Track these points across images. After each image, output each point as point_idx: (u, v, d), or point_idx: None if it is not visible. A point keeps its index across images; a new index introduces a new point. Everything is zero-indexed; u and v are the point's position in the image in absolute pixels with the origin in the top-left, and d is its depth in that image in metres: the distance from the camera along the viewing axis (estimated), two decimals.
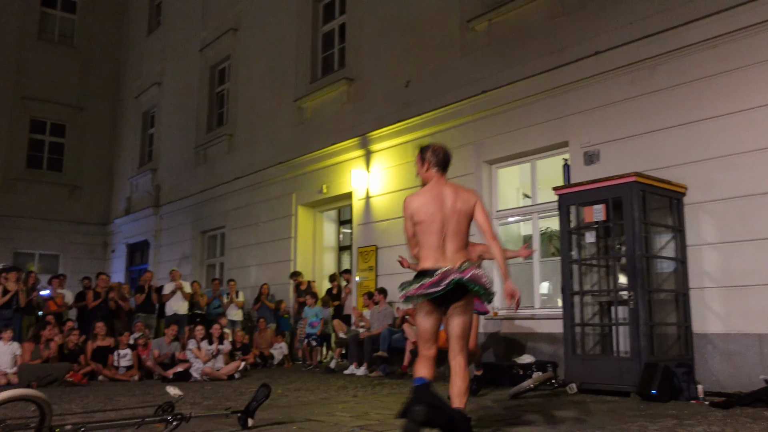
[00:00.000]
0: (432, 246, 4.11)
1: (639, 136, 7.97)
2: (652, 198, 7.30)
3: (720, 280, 7.15)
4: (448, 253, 4.09)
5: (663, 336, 7.39)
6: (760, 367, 6.66)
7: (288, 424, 5.09)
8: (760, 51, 7.04)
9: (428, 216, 4.14)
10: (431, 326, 4.21)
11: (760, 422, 5.03)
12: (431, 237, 4.12)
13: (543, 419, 5.28)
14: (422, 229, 4.16)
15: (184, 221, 17.57)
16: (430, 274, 4.00)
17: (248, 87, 15.86)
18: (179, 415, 4.46)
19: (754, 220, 6.93)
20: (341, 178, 12.57)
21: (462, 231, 4.18)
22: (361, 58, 12.56)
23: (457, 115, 10.25)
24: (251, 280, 14.51)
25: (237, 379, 9.69)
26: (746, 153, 7.04)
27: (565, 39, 8.93)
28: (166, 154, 19.29)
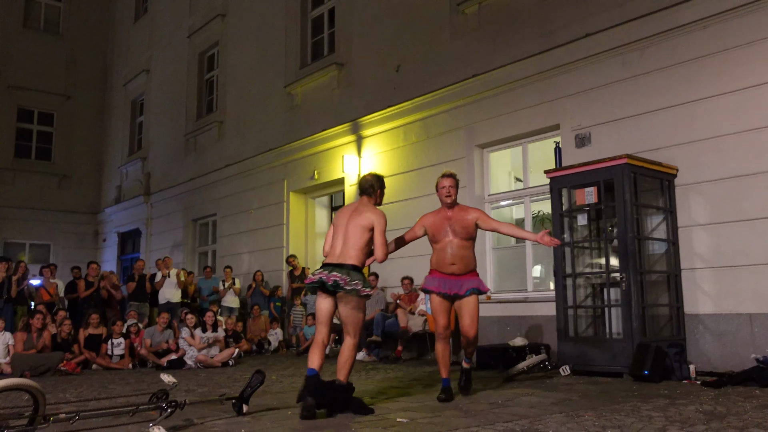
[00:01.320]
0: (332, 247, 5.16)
1: (630, 118, 7.97)
2: (644, 180, 7.31)
3: (711, 261, 7.19)
4: (337, 254, 5.04)
5: (655, 317, 7.43)
6: (750, 346, 6.72)
7: (283, 410, 5.09)
8: (750, 31, 7.03)
9: (335, 225, 5.26)
10: (321, 309, 5.09)
11: (751, 401, 5.07)
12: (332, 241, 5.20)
13: (537, 401, 5.31)
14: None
15: (175, 209, 17.50)
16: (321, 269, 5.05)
17: (237, 74, 15.75)
18: (173, 403, 4.45)
19: (744, 201, 6.95)
20: (332, 164, 12.53)
21: (350, 239, 5.04)
22: (350, 43, 12.48)
23: (448, 99, 10.22)
24: (243, 267, 14.49)
25: (231, 366, 9.69)
26: (736, 134, 7.05)
27: (556, 21, 8.89)
28: (155, 142, 19.17)
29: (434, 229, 5.49)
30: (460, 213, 5.49)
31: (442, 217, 5.50)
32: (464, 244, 5.45)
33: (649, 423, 4.20)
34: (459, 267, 5.43)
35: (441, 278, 5.47)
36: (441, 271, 5.49)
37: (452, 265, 5.42)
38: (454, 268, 5.43)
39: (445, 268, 5.46)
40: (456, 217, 5.45)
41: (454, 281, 5.44)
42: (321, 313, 5.09)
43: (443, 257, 5.47)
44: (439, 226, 5.47)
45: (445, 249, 5.45)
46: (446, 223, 5.45)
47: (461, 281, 5.44)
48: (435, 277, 5.52)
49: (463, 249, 5.44)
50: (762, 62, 6.93)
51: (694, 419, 4.30)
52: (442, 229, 5.46)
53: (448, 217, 5.47)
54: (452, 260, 5.42)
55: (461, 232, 5.42)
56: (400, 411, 4.93)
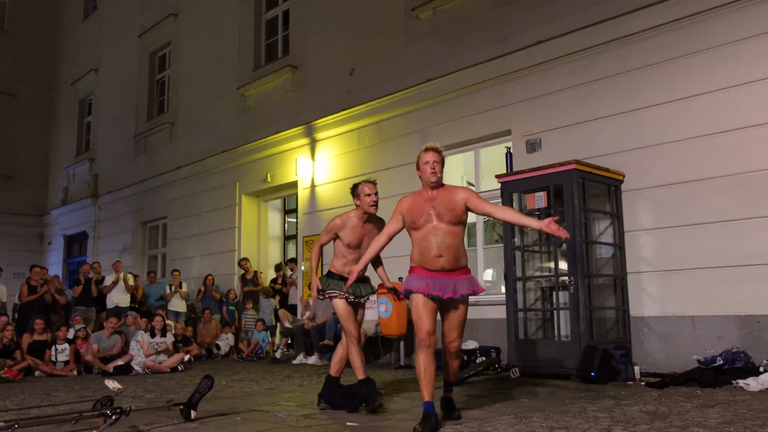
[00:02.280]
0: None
1: (579, 124, 8.13)
2: (592, 185, 7.46)
3: (656, 265, 7.38)
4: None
5: (602, 319, 7.58)
6: (693, 348, 6.92)
7: (232, 416, 5.02)
8: (696, 42, 7.25)
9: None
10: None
11: (692, 400, 5.22)
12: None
13: (486, 403, 5.35)
14: None
15: (124, 212, 17.13)
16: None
17: (190, 74, 15.52)
18: (118, 409, 4.34)
19: (688, 206, 7.16)
20: (286, 167, 12.44)
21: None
22: (305, 45, 12.43)
23: (402, 103, 10.26)
24: (194, 271, 14.27)
25: (180, 371, 9.52)
26: (681, 141, 7.26)
27: (509, 28, 9.02)
28: (104, 142, 18.74)
29: (414, 213, 4.47)
30: (445, 193, 4.49)
31: (423, 198, 4.51)
32: (451, 230, 4.40)
33: (595, 424, 4.27)
34: (448, 260, 4.39)
35: (428, 276, 4.39)
36: (426, 268, 4.42)
37: (439, 257, 4.37)
38: (442, 262, 4.38)
39: (430, 262, 4.40)
40: (440, 198, 4.45)
41: (446, 280, 4.39)
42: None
43: (426, 248, 4.40)
44: (419, 210, 4.46)
45: (427, 238, 4.40)
46: (428, 205, 4.44)
47: (454, 281, 4.40)
48: (420, 275, 4.42)
49: (450, 236, 4.39)
50: (704, 72, 7.16)
51: (637, 419, 4.40)
52: (422, 212, 4.44)
53: (431, 198, 4.47)
54: (438, 251, 4.37)
55: (447, 215, 4.40)
56: (353, 414, 4.92)
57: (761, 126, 6.74)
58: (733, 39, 6.99)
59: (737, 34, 6.97)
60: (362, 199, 5.25)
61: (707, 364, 6.36)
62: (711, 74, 7.11)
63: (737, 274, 6.75)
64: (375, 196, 5.27)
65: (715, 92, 7.07)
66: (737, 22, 6.98)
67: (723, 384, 6.01)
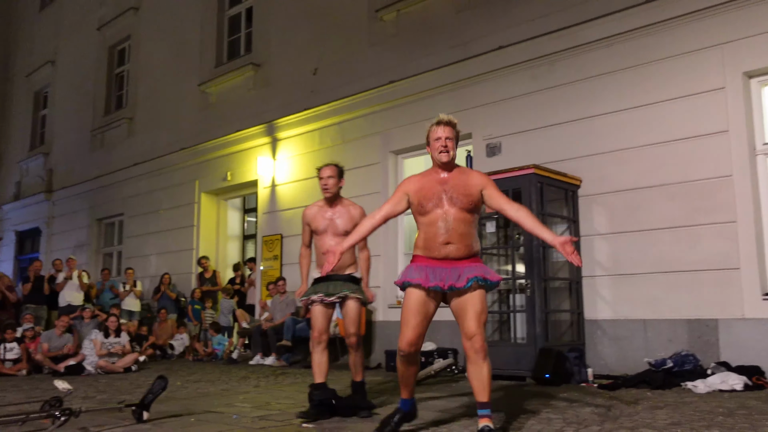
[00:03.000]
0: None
1: (538, 129, 8.24)
2: (549, 189, 7.57)
3: (610, 269, 7.53)
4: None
5: (557, 322, 7.70)
6: (644, 350, 7.08)
7: (185, 417, 4.95)
8: (651, 51, 7.43)
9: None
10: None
11: (642, 402, 5.34)
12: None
13: (442, 405, 5.39)
14: None
15: (79, 208, 16.75)
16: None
17: (150, 69, 15.26)
18: (67, 410, 4.25)
19: (641, 212, 7.32)
20: (246, 166, 12.34)
21: None
22: (268, 43, 12.35)
23: (364, 104, 10.27)
24: (151, 269, 14.04)
25: (134, 371, 9.35)
26: (636, 148, 7.43)
27: (471, 33, 9.10)
28: (59, 136, 18.30)
29: (422, 195, 3.97)
30: (459, 176, 4.00)
31: (433, 180, 4.01)
32: (464, 217, 3.91)
33: (548, 425, 4.34)
34: (457, 247, 3.89)
35: (428, 266, 3.91)
36: (429, 256, 3.93)
37: (447, 244, 3.89)
38: (449, 249, 3.89)
39: (435, 249, 3.91)
40: (454, 181, 3.97)
41: (449, 270, 3.88)
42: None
43: (433, 234, 3.91)
44: (428, 192, 3.96)
45: (436, 223, 3.91)
46: (439, 187, 3.96)
47: (459, 269, 3.89)
48: (420, 265, 3.94)
49: (463, 224, 3.90)
50: (658, 82, 7.34)
51: (589, 420, 4.48)
52: (433, 195, 3.94)
53: (443, 181, 3.98)
54: (447, 238, 3.88)
55: (461, 200, 3.92)
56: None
57: (711, 135, 6.94)
58: (686, 50, 7.19)
59: (690, 45, 7.16)
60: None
61: (657, 367, 6.51)
62: (665, 84, 7.29)
63: (687, 279, 6.94)
64: (327, 179, 5.06)
65: (668, 101, 7.25)
66: (690, 34, 7.18)
67: (672, 386, 6.16)
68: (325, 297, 4.93)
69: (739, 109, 6.85)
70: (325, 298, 4.93)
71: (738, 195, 6.74)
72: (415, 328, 3.92)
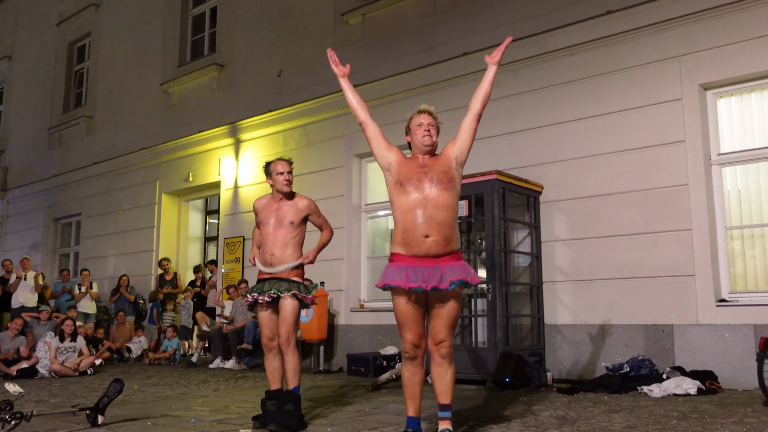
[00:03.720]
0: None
1: (502, 135, 8.32)
2: (511, 195, 7.65)
3: (570, 274, 7.63)
4: None
5: (518, 327, 7.78)
6: (603, 355, 7.19)
7: (142, 421, 4.86)
8: (613, 61, 7.57)
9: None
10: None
11: (599, 406, 5.42)
12: None
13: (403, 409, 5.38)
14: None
15: (34, 207, 16.34)
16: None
17: (110, 67, 14.99)
18: (18, 414, 4.13)
19: (600, 219, 7.45)
20: (209, 167, 12.20)
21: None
22: (232, 44, 12.24)
23: (329, 107, 10.24)
24: (109, 270, 13.77)
25: (90, 375, 9.15)
26: (597, 156, 7.55)
27: (437, 38, 9.16)
28: (15, 133, 17.84)
29: (403, 173, 3.89)
30: (437, 159, 3.97)
31: (415, 164, 3.95)
32: (444, 200, 3.79)
33: (507, 428, 4.38)
34: (436, 240, 3.74)
35: (409, 266, 3.73)
36: (410, 254, 3.76)
37: (426, 237, 3.73)
38: (429, 244, 3.73)
39: (414, 244, 3.74)
40: (434, 165, 3.91)
41: (431, 269, 3.71)
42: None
43: (412, 224, 3.76)
44: (409, 172, 3.88)
45: (414, 211, 3.77)
46: (420, 171, 3.88)
47: (441, 268, 3.72)
48: (399, 265, 3.77)
49: (442, 211, 3.77)
50: (619, 91, 7.48)
51: (547, 424, 4.53)
52: (413, 176, 3.85)
53: (423, 165, 3.92)
54: (426, 229, 3.72)
55: (440, 178, 3.84)
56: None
57: (669, 145, 7.09)
58: (645, 61, 7.35)
59: (649, 56, 7.32)
60: (275, 178, 4.84)
61: (615, 371, 6.62)
62: (625, 93, 7.43)
63: (645, 285, 7.07)
64: (289, 174, 4.86)
65: (628, 111, 7.40)
66: (650, 45, 7.34)
67: (629, 390, 6.27)
68: (258, 296, 4.67)
69: (695, 120, 7.02)
70: (259, 298, 4.66)
71: (693, 203, 6.90)
72: (413, 329, 3.80)
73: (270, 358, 4.74)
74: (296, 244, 4.79)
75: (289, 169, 4.92)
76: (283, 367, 4.68)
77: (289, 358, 4.63)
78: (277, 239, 4.74)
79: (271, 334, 4.72)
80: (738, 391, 6.25)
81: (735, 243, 7.04)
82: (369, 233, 9.98)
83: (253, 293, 4.74)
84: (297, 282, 4.72)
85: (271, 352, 4.73)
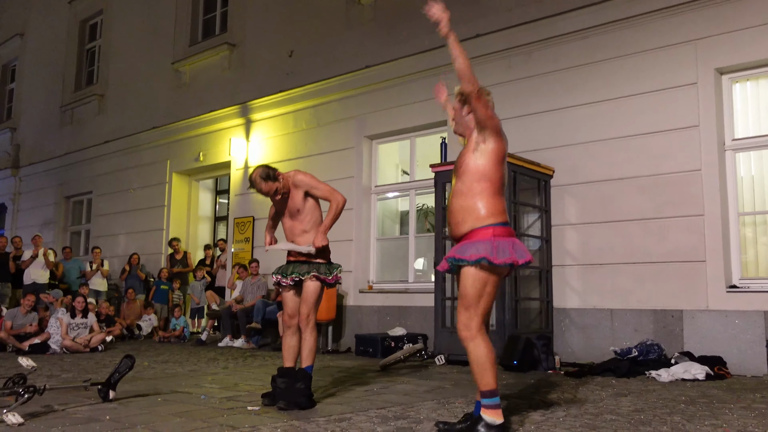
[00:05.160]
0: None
1: (513, 118, 8.24)
2: (523, 179, 7.63)
3: (579, 259, 7.62)
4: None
5: (526, 310, 7.79)
6: (610, 339, 7.20)
7: (152, 397, 4.92)
8: (626, 45, 7.50)
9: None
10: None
11: (607, 389, 5.43)
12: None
13: (411, 389, 5.42)
14: None
15: (47, 185, 16.44)
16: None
17: (122, 45, 14.98)
18: (31, 388, 4.18)
19: (610, 203, 7.42)
20: (219, 147, 12.21)
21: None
22: (244, 23, 12.19)
23: (340, 88, 10.21)
24: (120, 249, 13.86)
25: (101, 351, 9.25)
26: (609, 140, 7.51)
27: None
28: (27, 111, 17.90)
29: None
30: (466, 147, 3.83)
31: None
32: (457, 187, 3.70)
33: (515, 409, 4.40)
34: (450, 229, 3.77)
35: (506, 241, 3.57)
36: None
37: (448, 224, 3.79)
38: (449, 229, 3.78)
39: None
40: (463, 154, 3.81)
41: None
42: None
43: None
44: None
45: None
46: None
47: (453, 250, 3.69)
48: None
49: (453, 197, 3.71)
50: (632, 75, 7.41)
51: (555, 406, 4.55)
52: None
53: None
54: (449, 217, 3.77)
55: (458, 164, 3.76)
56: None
57: (682, 130, 7.04)
58: (660, 45, 7.27)
59: (664, 40, 7.24)
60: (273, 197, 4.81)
61: (623, 356, 6.62)
62: (638, 78, 7.37)
63: (654, 270, 7.06)
64: (267, 188, 4.66)
65: (641, 95, 7.34)
66: (664, 29, 7.26)
67: (637, 374, 6.27)
68: (283, 278, 4.74)
69: (709, 105, 6.95)
70: (282, 280, 4.74)
71: (706, 189, 6.86)
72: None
73: (288, 335, 4.79)
74: (314, 225, 4.78)
75: (263, 189, 4.67)
76: (299, 346, 4.72)
77: (306, 337, 4.66)
78: (294, 229, 4.78)
79: (292, 312, 4.76)
80: (746, 377, 6.24)
81: (747, 229, 7.01)
82: (379, 215, 9.99)
83: (278, 275, 4.80)
84: (318, 263, 4.74)
85: (290, 330, 4.78)
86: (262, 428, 3.72)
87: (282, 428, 3.73)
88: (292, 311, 4.79)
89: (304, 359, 4.65)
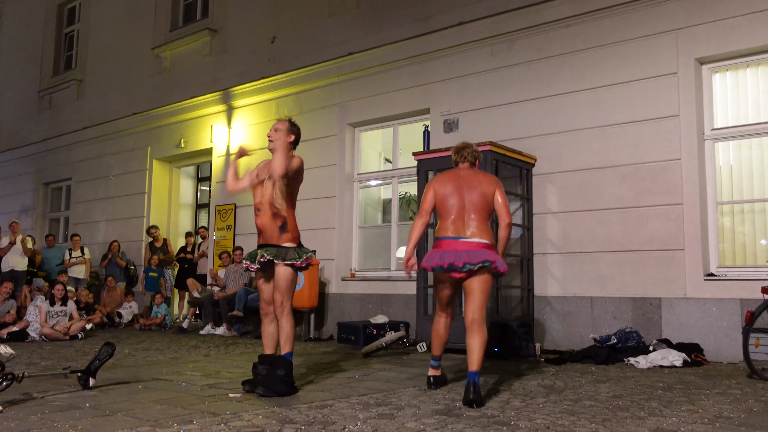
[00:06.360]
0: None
1: (496, 107, 8.30)
2: (505, 167, 7.65)
3: (560, 247, 7.68)
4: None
5: (508, 298, 7.84)
6: (590, 327, 7.27)
7: (133, 384, 4.89)
8: (608, 34, 7.53)
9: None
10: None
11: (586, 376, 5.49)
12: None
13: (392, 376, 5.45)
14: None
15: (24, 171, 16.21)
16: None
17: (101, 30, 14.76)
18: (10, 375, 4.15)
19: (591, 192, 7.47)
20: (201, 133, 12.11)
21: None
22: (226, 8, 12.07)
23: (323, 75, 10.16)
24: (100, 236, 13.73)
25: (81, 339, 9.17)
26: (590, 129, 7.55)
27: (432, 7, 9.06)
28: (4, 96, 17.60)
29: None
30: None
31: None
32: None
33: (496, 396, 4.44)
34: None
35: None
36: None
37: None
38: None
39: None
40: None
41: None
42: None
43: None
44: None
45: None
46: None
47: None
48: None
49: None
50: (614, 64, 7.45)
51: (535, 393, 4.59)
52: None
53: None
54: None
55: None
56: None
57: (663, 119, 7.09)
58: (641, 34, 7.31)
59: (645, 30, 7.28)
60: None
61: (602, 343, 6.70)
62: (620, 67, 7.41)
63: (633, 258, 7.13)
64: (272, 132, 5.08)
65: (622, 84, 7.38)
66: (646, 18, 7.29)
67: (615, 361, 6.35)
68: (250, 263, 4.69)
69: (690, 95, 7.01)
70: (250, 266, 4.69)
71: (685, 178, 6.93)
72: None
73: (266, 323, 4.77)
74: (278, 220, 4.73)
75: (275, 127, 4.99)
76: (278, 333, 4.69)
77: (283, 324, 4.62)
78: (265, 194, 4.86)
79: (268, 299, 4.73)
80: (723, 363, 6.34)
81: (725, 218, 7.10)
82: (361, 203, 9.98)
83: (247, 260, 4.75)
84: (287, 247, 4.68)
85: (267, 317, 4.76)
86: (244, 415, 3.71)
87: (263, 415, 3.73)
88: (267, 298, 4.75)
89: (283, 346, 4.63)
